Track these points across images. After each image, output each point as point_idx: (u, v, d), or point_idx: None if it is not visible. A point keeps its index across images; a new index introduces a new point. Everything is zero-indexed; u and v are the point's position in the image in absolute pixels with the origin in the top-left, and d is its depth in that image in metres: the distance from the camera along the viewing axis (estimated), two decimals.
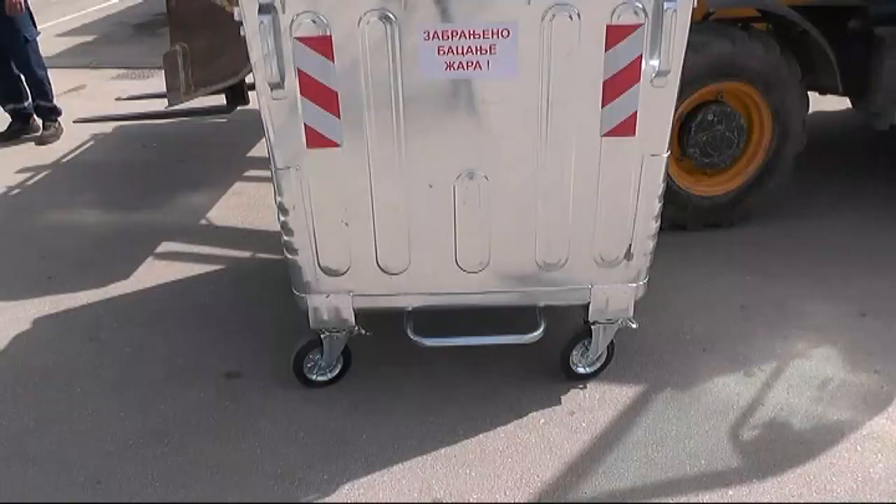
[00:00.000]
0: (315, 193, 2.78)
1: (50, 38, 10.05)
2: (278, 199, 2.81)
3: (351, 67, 2.58)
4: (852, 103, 4.69)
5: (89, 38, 10.05)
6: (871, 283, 3.93)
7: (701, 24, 4.14)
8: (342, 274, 2.95)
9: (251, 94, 4.94)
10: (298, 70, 2.58)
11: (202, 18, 4.43)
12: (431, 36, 2.55)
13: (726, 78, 4.15)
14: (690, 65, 3.58)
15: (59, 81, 7.71)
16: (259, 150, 5.87)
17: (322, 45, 2.55)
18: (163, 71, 4.95)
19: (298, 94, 2.61)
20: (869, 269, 4.07)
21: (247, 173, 5.54)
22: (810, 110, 4.43)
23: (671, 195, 4.15)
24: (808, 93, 4.40)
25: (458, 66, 2.58)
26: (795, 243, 4.36)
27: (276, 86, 2.57)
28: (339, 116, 2.64)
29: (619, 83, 2.61)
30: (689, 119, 4.23)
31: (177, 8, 4.44)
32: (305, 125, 2.66)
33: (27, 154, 6.04)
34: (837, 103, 4.99)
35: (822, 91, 4.70)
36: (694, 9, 2.53)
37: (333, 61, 2.57)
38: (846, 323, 3.64)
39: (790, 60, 4.20)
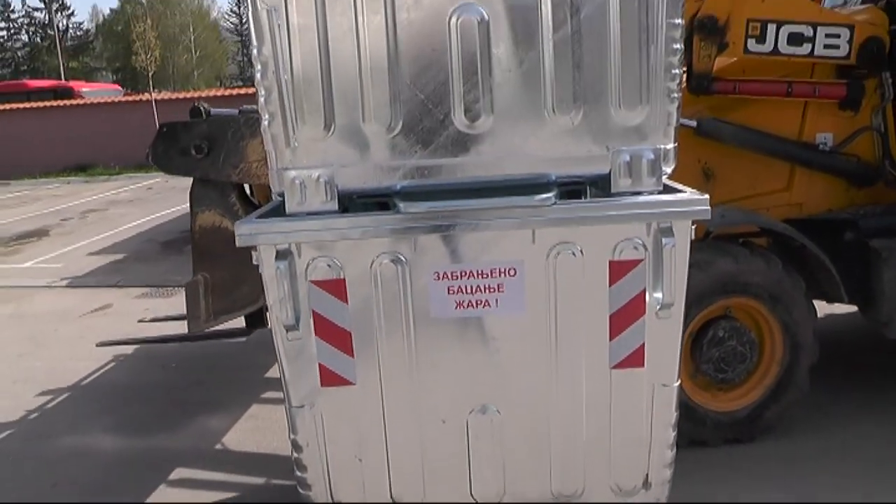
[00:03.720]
0: (329, 430, 2.80)
1: (81, 256, 10.54)
2: (292, 436, 2.82)
3: (364, 308, 2.69)
4: (860, 311, 4.69)
5: (119, 257, 10.49)
6: None
7: (703, 241, 4.25)
8: None
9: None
10: (313, 311, 2.68)
11: (224, 248, 4.62)
12: (441, 276, 2.67)
13: (732, 294, 4.19)
14: (696, 283, 3.69)
15: (86, 301, 8.03)
16: (275, 372, 5.89)
17: (336, 287, 2.67)
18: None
19: (313, 335, 2.70)
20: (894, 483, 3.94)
21: (263, 395, 5.57)
22: (822, 313, 4.42)
23: (688, 411, 4.08)
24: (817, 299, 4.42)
25: (468, 305, 2.68)
26: (818, 457, 4.23)
27: (292, 328, 2.67)
28: (352, 355, 2.71)
29: (624, 317, 2.69)
30: (701, 335, 4.24)
31: (200, 241, 4.66)
32: (320, 364, 2.72)
33: (49, 377, 6.13)
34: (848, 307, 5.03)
35: (829, 300, 4.74)
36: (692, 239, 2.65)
37: (347, 303, 2.67)
38: None
39: (793, 274, 4.26)
